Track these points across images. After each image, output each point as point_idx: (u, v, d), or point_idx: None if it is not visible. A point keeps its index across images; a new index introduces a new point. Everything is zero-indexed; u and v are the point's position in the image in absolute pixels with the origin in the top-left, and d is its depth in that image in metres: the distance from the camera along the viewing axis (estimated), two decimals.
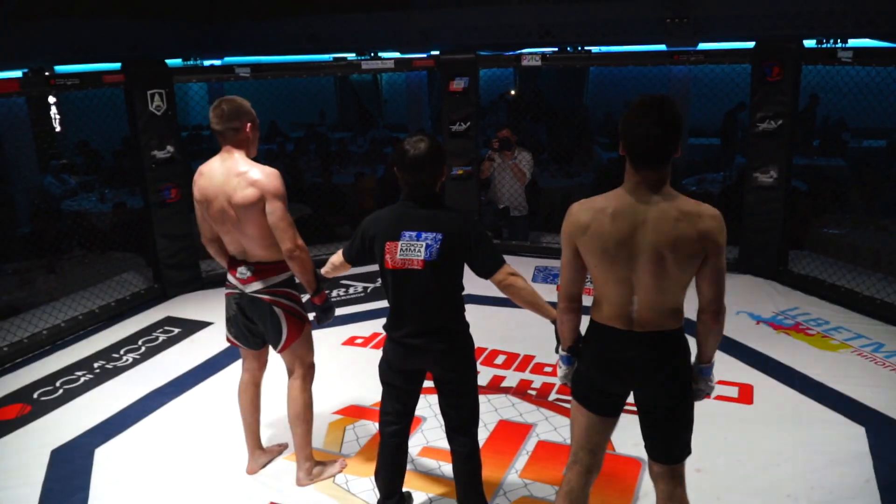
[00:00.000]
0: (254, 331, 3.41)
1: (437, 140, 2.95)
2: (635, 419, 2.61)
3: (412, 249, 2.81)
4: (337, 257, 3.17)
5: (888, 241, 6.30)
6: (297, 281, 3.33)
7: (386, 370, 3.03)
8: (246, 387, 3.57)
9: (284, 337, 3.33)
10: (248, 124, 3.24)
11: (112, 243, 6.93)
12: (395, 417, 3.06)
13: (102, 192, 9.16)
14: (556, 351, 2.73)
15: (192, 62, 10.93)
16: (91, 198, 9.11)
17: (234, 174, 3.16)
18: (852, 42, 5.47)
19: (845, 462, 3.57)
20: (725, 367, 4.54)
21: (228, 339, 3.52)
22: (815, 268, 5.96)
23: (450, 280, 2.86)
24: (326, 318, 3.40)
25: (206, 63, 10.83)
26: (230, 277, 3.37)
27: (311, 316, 3.44)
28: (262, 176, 3.15)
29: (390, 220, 2.89)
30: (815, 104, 11.05)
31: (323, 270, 3.28)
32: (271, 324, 3.32)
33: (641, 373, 2.44)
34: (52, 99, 11.31)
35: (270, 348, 3.50)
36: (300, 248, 3.18)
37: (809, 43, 5.85)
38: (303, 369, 3.45)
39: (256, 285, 3.28)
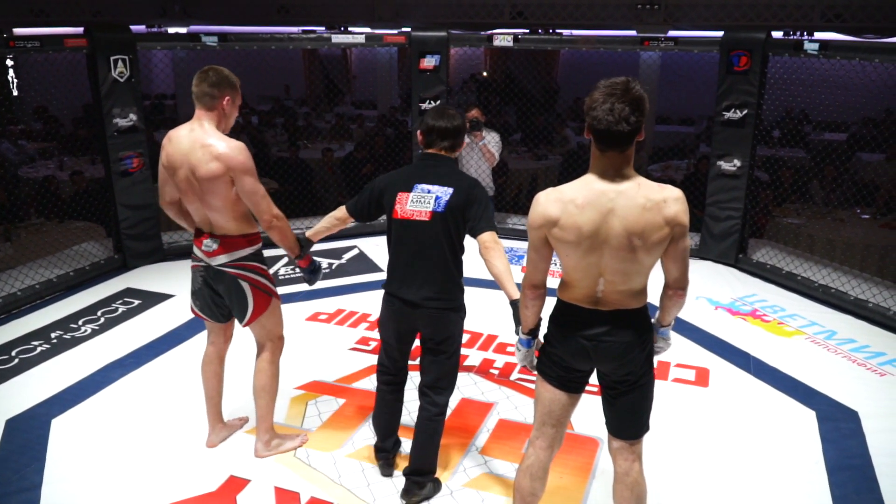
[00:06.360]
0: (219, 304, 3.39)
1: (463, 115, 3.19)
2: (595, 400, 2.65)
3: (422, 201, 2.94)
4: (339, 210, 3.31)
5: (843, 232, 6.45)
6: (277, 251, 3.33)
7: (381, 327, 3.20)
8: (210, 360, 3.55)
9: (250, 311, 3.32)
10: (227, 98, 3.19)
11: (72, 212, 6.80)
12: (391, 369, 3.25)
13: (61, 160, 8.95)
14: (516, 333, 2.76)
15: (156, 29, 10.68)
16: (49, 165, 8.91)
17: (199, 145, 3.11)
18: (819, 35, 5.55)
19: (796, 444, 3.68)
20: (683, 351, 4.64)
21: (193, 312, 3.49)
22: (773, 256, 6.08)
23: (455, 234, 2.96)
24: (315, 279, 3.53)
25: (171, 31, 10.61)
26: (196, 250, 3.34)
27: (296, 280, 3.44)
28: (228, 150, 3.10)
29: (405, 174, 3.07)
30: None
31: (318, 225, 3.39)
32: (237, 297, 3.30)
33: (605, 349, 2.48)
34: (10, 62, 11.03)
35: (236, 322, 3.48)
36: (277, 218, 3.21)
37: (777, 34, 5.93)
38: (271, 342, 3.45)
39: (222, 258, 3.25)
